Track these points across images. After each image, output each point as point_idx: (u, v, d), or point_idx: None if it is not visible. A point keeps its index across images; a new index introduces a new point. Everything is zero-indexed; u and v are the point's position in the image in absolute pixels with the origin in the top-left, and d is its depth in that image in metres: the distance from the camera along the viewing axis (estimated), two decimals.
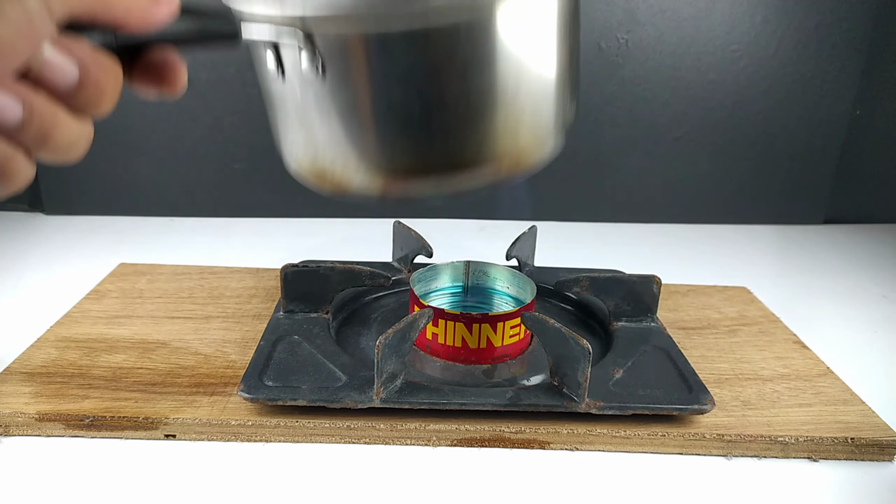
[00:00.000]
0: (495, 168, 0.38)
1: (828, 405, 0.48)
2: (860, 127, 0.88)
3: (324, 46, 0.34)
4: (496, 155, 0.37)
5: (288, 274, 0.54)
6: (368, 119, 0.36)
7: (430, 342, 0.52)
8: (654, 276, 0.55)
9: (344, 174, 0.38)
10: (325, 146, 0.38)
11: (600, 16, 0.80)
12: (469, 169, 0.37)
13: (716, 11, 0.80)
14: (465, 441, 0.45)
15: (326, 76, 0.35)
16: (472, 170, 0.37)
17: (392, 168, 0.37)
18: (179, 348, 0.52)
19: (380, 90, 0.35)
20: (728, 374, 0.52)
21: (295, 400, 0.44)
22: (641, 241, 0.84)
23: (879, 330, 0.64)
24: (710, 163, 0.88)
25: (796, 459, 0.45)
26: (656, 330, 0.55)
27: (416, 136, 0.36)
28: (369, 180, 0.38)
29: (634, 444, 0.45)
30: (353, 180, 0.38)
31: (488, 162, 0.37)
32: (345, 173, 0.38)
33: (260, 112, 0.41)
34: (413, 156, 0.37)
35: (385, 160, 0.37)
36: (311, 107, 0.37)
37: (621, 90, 0.83)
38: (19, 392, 0.46)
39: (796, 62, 0.83)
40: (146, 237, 0.79)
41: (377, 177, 0.38)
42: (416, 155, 0.37)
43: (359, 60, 0.34)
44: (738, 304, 0.64)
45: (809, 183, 0.90)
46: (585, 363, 0.43)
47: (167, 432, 0.44)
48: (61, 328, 0.55)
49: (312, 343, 0.50)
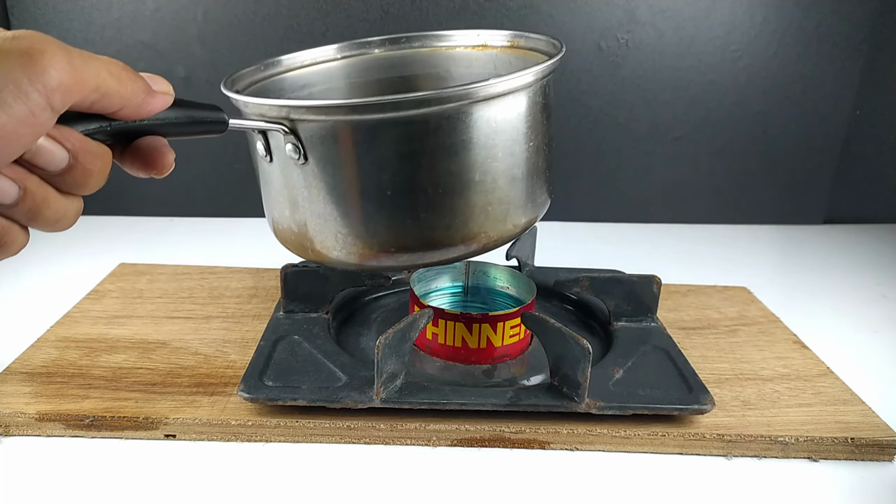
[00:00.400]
0: (466, 246, 0.41)
1: (828, 405, 0.48)
2: (860, 127, 0.88)
3: (305, 135, 0.37)
4: (466, 234, 0.40)
5: (288, 274, 0.54)
6: (346, 200, 0.39)
7: (430, 342, 0.52)
8: (654, 276, 0.55)
9: (323, 247, 0.41)
10: (306, 222, 0.41)
11: (600, 16, 0.80)
12: (441, 247, 0.40)
13: (716, 11, 0.80)
14: (465, 441, 0.45)
15: (308, 161, 0.38)
16: (444, 248, 0.40)
17: (367, 245, 0.40)
18: (179, 348, 0.52)
19: (357, 175, 0.38)
20: (728, 374, 0.52)
21: (295, 400, 0.44)
22: (641, 241, 0.84)
23: (879, 330, 0.64)
24: (710, 163, 0.88)
25: (796, 459, 0.45)
26: (656, 330, 0.55)
27: (390, 217, 0.39)
28: (346, 254, 0.40)
29: (634, 444, 0.45)
30: (331, 253, 0.41)
31: (459, 240, 0.40)
32: (323, 246, 0.41)
33: None
34: (387, 235, 0.39)
35: (361, 238, 0.40)
36: (294, 186, 0.40)
37: (621, 90, 0.83)
38: (19, 392, 0.46)
39: (796, 62, 0.83)
40: (146, 237, 0.79)
41: (353, 251, 0.40)
42: (390, 234, 0.39)
43: (337, 148, 0.37)
44: (738, 304, 0.64)
45: (809, 183, 0.90)
46: (585, 363, 0.43)
47: (167, 432, 0.44)
48: (61, 328, 0.55)
49: (312, 343, 0.50)
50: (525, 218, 0.43)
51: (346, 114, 0.37)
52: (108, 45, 0.77)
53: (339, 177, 0.38)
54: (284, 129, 0.38)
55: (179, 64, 0.79)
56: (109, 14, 0.77)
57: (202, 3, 0.77)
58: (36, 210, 0.28)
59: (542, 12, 0.79)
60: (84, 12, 0.76)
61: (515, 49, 0.50)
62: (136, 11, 0.77)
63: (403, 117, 0.37)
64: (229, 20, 0.77)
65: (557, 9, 0.79)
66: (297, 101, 0.37)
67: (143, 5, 0.76)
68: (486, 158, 0.39)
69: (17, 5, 0.76)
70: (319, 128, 0.37)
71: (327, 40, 0.78)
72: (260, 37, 0.78)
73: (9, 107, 0.24)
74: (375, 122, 0.37)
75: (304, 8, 0.77)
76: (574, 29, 0.80)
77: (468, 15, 0.78)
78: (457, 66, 0.53)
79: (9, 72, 0.24)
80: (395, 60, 0.54)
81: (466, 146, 0.38)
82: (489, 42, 0.52)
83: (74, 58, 0.26)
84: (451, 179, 0.38)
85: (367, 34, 0.78)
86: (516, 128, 0.40)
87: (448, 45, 0.53)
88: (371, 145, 0.37)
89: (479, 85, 0.37)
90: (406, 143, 0.37)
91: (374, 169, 0.38)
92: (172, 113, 0.32)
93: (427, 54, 0.53)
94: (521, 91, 0.39)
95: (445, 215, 0.39)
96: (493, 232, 0.41)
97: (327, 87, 0.53)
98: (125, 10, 0.77)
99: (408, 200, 0.38)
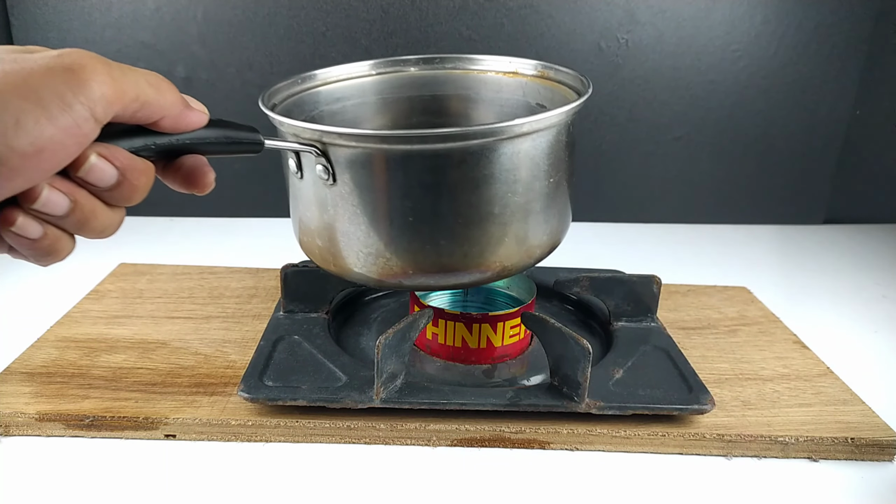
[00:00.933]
0: (481, 272, 0.42)
1: (828, 405, 0.48)
2: (860, 127, 0.88)
3: (336, 159, 0.40)
4: (482, 262, 0.42)
5: (288, 274, 0.54)
6: (370, 222, 0.41)
7: (430, 342, 0.52)
8: (654, 276, 0.55)
9: (345, 262, 0.43)
10: (331, 237, 0.42)
11: (600, 16, 0.80)
12: (457, 272, 0.41)
13: (716, 11, 0.80)
14: (465, 441, 0.45)
15: (337, 182, 0.40)
16: (460, 273, 0.41)
17: (387, 265, 0.41)
18: (179, 348, 0.52)
19: (382, 200, 0.40)
20: (728, 374, 0.52)
21: (295, 400, 0.44)
22: (641, 241, 0.84)
23: (879, 330, 0.64)
24: (710, 163, 0.88)
25: (796, 459, 0.45)
26: (656, 330, 0.55)
27: (410, 241, 0.40)
28: (366, 271, 0.42)
29: (634, 444, 0.45)
30: (353, 268, 0.43)
31: (475, 267, 0.42)
32: (346, 262, 0.43)
33: (260, 112, 0.42)
34: (406, 257, 0.41)
35: (382, 258, 0.41)
36: (322, 204, 0.42)
37: (621, 90, 0.83)
38: (19, 392, 0.46)
39: (796, 62, 0.83)
40: (146, 237, 0.79)
41: (373, 270, 0.42)
42: (410, 257, 0.41)
43: (365, 173, 0.39)
44: (738, 304, 0.64)
45: (809, 183, 0.90)
46: (585, 363, 0.43)
47: (167, 432, 0.44)
48: (61, 328, 0.55)
49: (312, 343, 0.50)
50: (540, 250, 0.44)
51: (376, 142, 0.39)
52: (108, 45, 0.77)
53: (365, 200, 0.40)
54: (316, 151, 0.40)
55: (179, 64, 0.79)
56: (109, 14, 0.77)
57: (202, 3, 0.77)
58: (84, 221, 0.30)
59: (542, 12, 0.79)
60: (84, 12, 0.76)
61: (544, 79, 0.52)
62: (136, 11, 0.77)
63: (430, 150, 0.38)
64: (229, 20, 0.77)
65: (557, 9, 0.79)
66: (330, 127, 0.39)
67: (143, 5, 0.76)
68: (506, 193, 0.40)
69: (17, 5, 0.76)
70: (350, 153, 0.39)
71: (327, 40, 0.78)
72: (260, 37, 0.78)
73: (56, 119, 0.26)
74: (403, 152, 0.38)
75: (304, 8, 0.77)
76: (574, 29, 0.80)
77: (468, 15, 0.78)
78: (487, 89, 0.55)
79: (55, 87, 0.26)
80: (427, 79, 0.55)
81: (488, 180, 0.39)
82: (520, 70, 0.53)
83: (114, 70, 0.28)
84: (470, 211, 0.40)
85: (367, 34, 0.78)
86: (538, 165, 0.41)
87: (480, 68, 0.55)
88: (397, 173, 0.39)
89: (505, 124, 0.38)
90: (430, 174, 0.39)
91: (399, 195, 0.39)
92: (212, 132, 0.34)
93: (459, 76, 0.55)
94: (545, 130, 0.40)
95: (463, 244, 0.41)
96: (508, 261, 0.42)
97: (360, 101, 0.55)
98: (125, 10, 0.77)
99: (428, 227, 0.40)
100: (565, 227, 0.47)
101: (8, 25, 0.77)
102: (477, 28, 0.79)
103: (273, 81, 0.48)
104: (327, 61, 0.79)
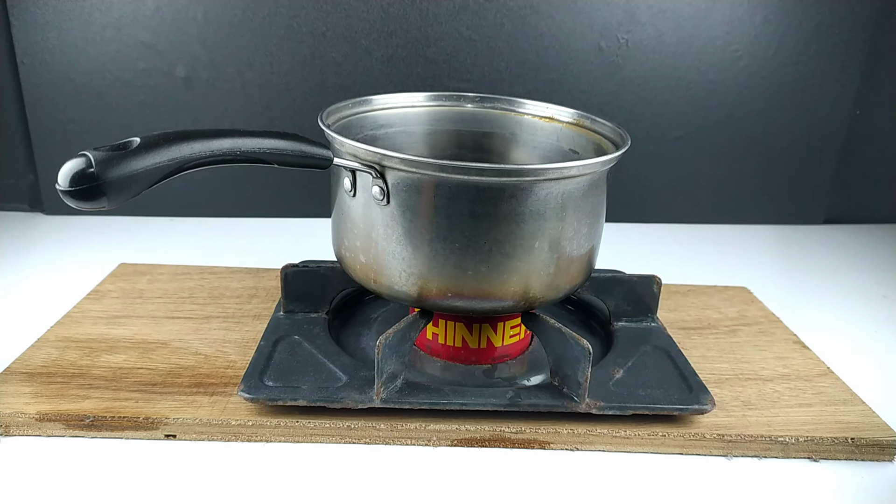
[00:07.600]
0: (514, 301, 0.45)
1: (828, 405, 0.48)
2: (860, 127, 0.88)
3: (392, 181, 0.42)
4: (516, 292, 0.44)
5: (288, 274, 0.54)
6: (417, 244, 0.43)
7: (431, 342, 0.52)
8: (654, 276, 0.55)
9: (387, 280, 0.45)
10: (377, 255, 0.44)
11: (600, 16, 0.80)
12: (492, 299, 0.44)
13: (716, 11, 0.80)
14: (465, 441, 0.45)
15: (390, 204, 0.42)
16: (495, 300, 0.44)
17: (428, 286, 0.44)
18: (179, 348, 0.52)
19: (432, 225, 0.42)
20: (728, 374, 0.52)
21: (295, 400, 0.44)
22: (641, 241, 0.84)
23: (879, 330, 0.64)
24: (710, 163, 0.88)
25: (796, 459, 0.45)
26: (656, 330, 0.55)
27: (454, 266, 0.43)
28: (406, 291, 0.44)
29: (634, 444, 0.45)
30: (392, 287, 0.45)
31: (509, 296, 0.44)
32: (387, 280, 0.45)
33: (260, 112, 0.42)
34: (447, 281, 0.43)
35: (424, 279, 0.44)
36: (372, 223, 0.44)
37: (621, 90, 0.83)
38: (19, 392, 0.46)
39: (796, 62, 0.83)
40: (146, 237, 0.79)
41: (414, 290, 0.44)
42: (450, 281, 0.43)
43: (418, 198, 0.42)
44: (738, 304, 0.64)
45: (809, 183, 0.90)
46: (586, 363, 0.43)
47: (167, 432, 0.44)
48: (61, 328, 0.55)
49: (312, 343, 0.50)
50: (570, 285, 0.47)
51: (434, 170, 0.41)
52: (108, 45, 0.77)
53: (416, 223, 0.42)
54: (376, 172, 0.42)
55: (179, 64, 0.79)
56: (109, 14, 0.77)
57: (202, 3, 0.77)
58: None
59: (542, 12, 0.79)
60: (84, 12, 0.76)
61: (580, 128, 0.55)
62: (136, 11, 0.77)
63: (484, 182, 0.41)
64: (229, 20, 0.77)
65: (557, 9, 0.79)
66: (391, 152, 0.41)
67: (143, 5, 0.76)
68: (549, 229, 0.43)
69: (17, 5, 0.76)
70: (406, 177, 0.41)
71: (327, 40, 0.78)
72: (260, 37, 0.78)
73: None
74: (459, 181, 0.41)
75: (304, 8, 0.77)
76: (574, 29, 0.80)
77: (468, 15, 0.78)
78: (522, 130, 0.58)
79: None
80: (467, 115, 0.59)
81: (534, 216, 0.42)
82: (556, 116, 0.57)
83: None
84: (514, 243, 0.42)
85: (367, 34, 0.78)
86: (578, 206, 0.44)
87: (519, 111, 0.58)
88: (450, 201, 0.41)
89: (556, 166, 0.42)
90: (481, 205, 0.41)
91: (448, 222, 0.42)
92: (288, 145, 0.37)
93: (498, 115, 0.59)
94: (588, 175, 0.43)
95: (503, 273, 0.43)
96: (539, 293, 0.45)
97: (402, 129, 0.58)
98: (125, 10, 0.77)
99: (472, 254, 0.42)
100: (592, 266, 0.49)
101: (8, 25, 0.77)
102: (477, 28, 0.79)
103: (274, 81, 0.48)
104: (327, 61, 0.79)
